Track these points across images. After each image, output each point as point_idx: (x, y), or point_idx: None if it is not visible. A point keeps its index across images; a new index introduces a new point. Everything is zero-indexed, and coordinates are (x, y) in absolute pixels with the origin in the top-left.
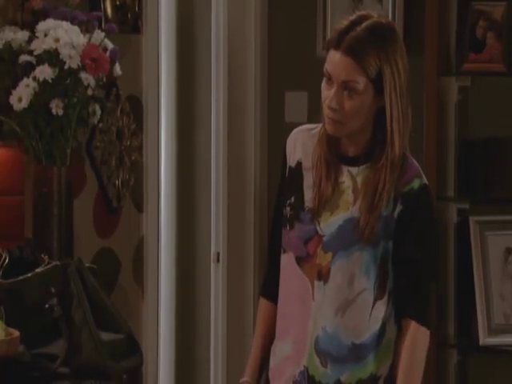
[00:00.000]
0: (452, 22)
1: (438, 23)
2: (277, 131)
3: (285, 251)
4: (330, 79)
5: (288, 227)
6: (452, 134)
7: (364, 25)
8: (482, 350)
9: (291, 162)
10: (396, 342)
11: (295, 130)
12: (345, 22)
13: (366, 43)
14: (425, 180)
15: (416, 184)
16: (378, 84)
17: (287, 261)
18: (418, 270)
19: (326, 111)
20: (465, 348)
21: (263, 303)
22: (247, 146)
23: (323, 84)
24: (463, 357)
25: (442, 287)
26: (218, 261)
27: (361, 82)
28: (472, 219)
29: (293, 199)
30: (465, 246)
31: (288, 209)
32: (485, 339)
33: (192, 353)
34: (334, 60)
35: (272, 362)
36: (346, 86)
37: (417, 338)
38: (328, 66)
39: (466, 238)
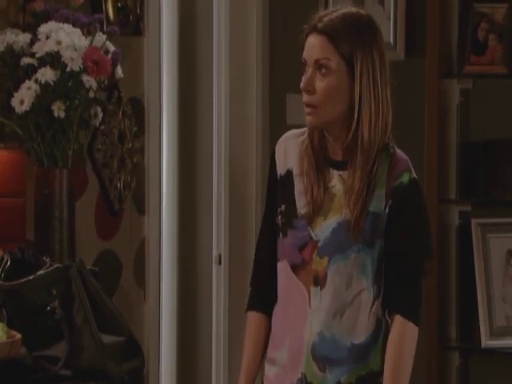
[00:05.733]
0: (454, 24)
1: (439, 25)
2: (278, 133)
3: (280, 260)
4: (306, 68)
5: (281, 235)
6: (454, 136)
7: (341, 11)
8: (484, 353)
9: (281, 169)
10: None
11: (284, 137)
12: (322, 13)
13: (339, 25)
14: (414, 174)
15: (405, 178)
16: (352, 67)
17: (283, 269)
18: (406, 263)
19: (303, 99)
20: (467, 351)
21: (254, 316)
22: (249, 148)
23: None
24: (465, 359)
25: (444, 290)
26: (219, 263)
27: (332, 60)
28: (474, 221)
29: (283, 207)
30: (467, 249)
31: (279, 217)
32: (487, 342)
33: (194, 355)
34: (309, 43)
35: (269, 372)
36: (320, 66)
37: (404, 333)
38: (304, 53)
39: (468, 241)
